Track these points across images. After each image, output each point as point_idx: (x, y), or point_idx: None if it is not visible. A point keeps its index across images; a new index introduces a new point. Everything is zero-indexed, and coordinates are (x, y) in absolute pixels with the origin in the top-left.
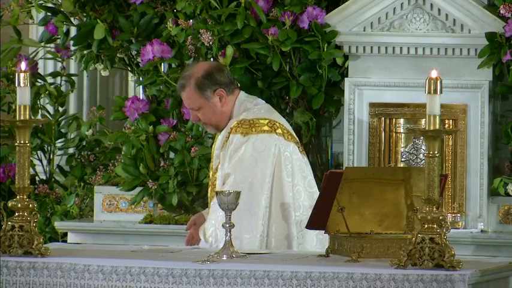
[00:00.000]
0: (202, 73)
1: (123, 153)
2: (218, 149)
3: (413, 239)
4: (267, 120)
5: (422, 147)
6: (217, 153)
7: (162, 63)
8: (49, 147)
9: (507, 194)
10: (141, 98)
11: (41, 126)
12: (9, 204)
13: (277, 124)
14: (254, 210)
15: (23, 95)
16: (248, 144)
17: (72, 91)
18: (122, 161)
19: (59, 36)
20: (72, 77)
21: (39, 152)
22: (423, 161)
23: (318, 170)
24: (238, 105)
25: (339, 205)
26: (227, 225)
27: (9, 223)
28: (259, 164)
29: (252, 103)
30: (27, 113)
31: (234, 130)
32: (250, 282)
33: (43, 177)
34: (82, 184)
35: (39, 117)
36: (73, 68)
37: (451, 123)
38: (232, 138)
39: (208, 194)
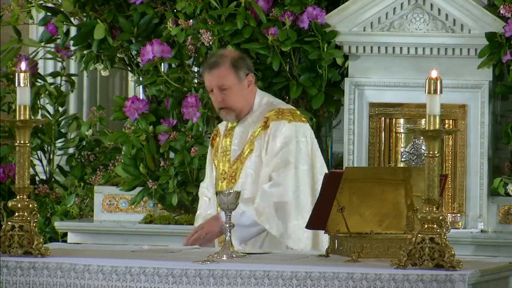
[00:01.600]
0: (238, 55)
1: (123, 153)
2: (241, 142)
3: (413, 239)
4: (298, 111)
5: (423, 147)
6: (238, 145)
7: (162, 63)
8: (49, 147)
9: (507, 194)
10: (141, 98)
11: (41, 126)
12: (9, 204)
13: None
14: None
15: (23, 95)
16: (299, 132)
17: (72, 91)
18: (122, 161)
19: (59, 36)
20: (72, 77)
21: (39, 152)
22: (423, 160)
23: None
24: (259, 98)
25: (339, 205)
26: (227, 225)
27: (9, 223)
28: (316, 152)
29: (273, 98)
30: (27, 113)
31: (275, 117)
32: (250, 282)
33: (43, 177)
34: (82, 184)
35: (39, 117)
36: (73, 68)
37: (451, 123)
38: (277, 125)
39: (218, 188)
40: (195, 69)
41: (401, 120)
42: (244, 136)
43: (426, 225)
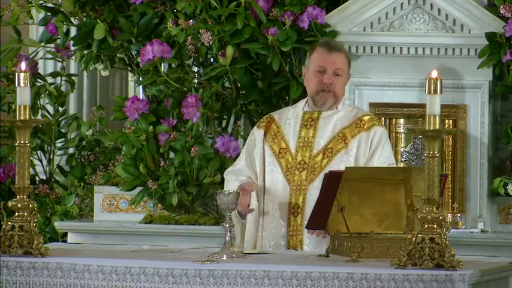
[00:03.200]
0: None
1: (123, 153)
2: (325, 136)
3: (413, 239)
4: None
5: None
6: (323, 138)
7: (162, 63)
8: (49, 147)
9: (507, 194)
10: (141, 98)
11: (41, 126)
12: (9, 204)
13: None
14: None
15: (23, 95)
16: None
17: (72, 91)
18: (122, 161)
19: (59, 36)
20: (72, 77)
21: (39, 152)
22: (423, 160)
23: None
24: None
25: (339, 205)
26: (227, 225)
27: (9, 223)
28: None
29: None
30: (27, 113)
31: (373, 123)
32: (250, 282)
33: (43, 177)
34: (82, 184)
35: (39, 117)
36: (73, 68)
37: (451, 123)
38: (376, 131)
39: (296, 177)
40: (195, 69)
41: (401, 120)
42: (329, 130)
43: (426, 225)
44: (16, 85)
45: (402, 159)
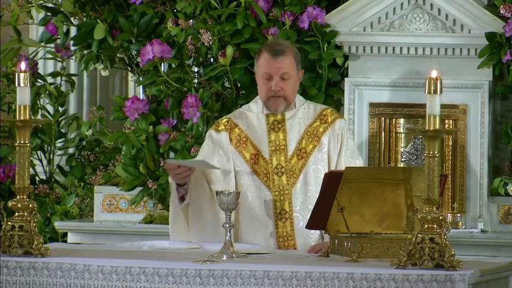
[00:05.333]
0: (296, 48)
1: (123, 153)
2: (295, 136)
3: (413, 239)
4: None
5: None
6: (297, 138)
7: (162, 63)
8: (49, 147)
9: (507, 194)
10: (141, 98)
11: (41, 126)
12: (9, 204)
13: None
14: None
15: (23, 95)
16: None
17: (72, 91)
18: (122, 161)
19: (59, 36)
20: (72, 77)
21: (39, 152)
22: (423, 160)
23: None
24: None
25: (339, 205)
26: (227, 225)
27: (9, 223)
28: None
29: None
30: (27, 113)
31: (335, 116)
32: (250, 282)
33: (43, 177)
34: (82, 184)
35: (39, 117)
36: (73, 68)
37: (451, 123)
38: (340, 124)
39: (276, 182)
40: (195, 69)
41: (401, 120)
42: (297, 130)
43: (426, 225)
44: (16, 85)
45: (402, 159)
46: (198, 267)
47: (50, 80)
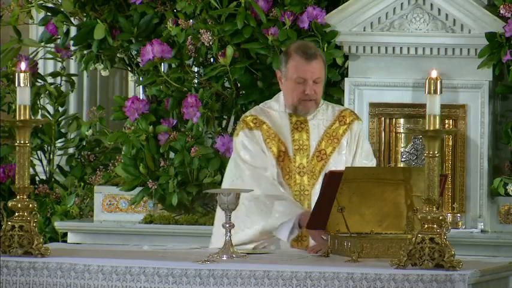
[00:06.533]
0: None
1: (123, 153)
2: (316, 137)
3: (413, 239)
4: None
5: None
6: (317, 139)
7: (162, 63)
8: (49, 147)
9: (507, 194)
10: (141, 98)
11: (41, 126)
12: (9, 204)
13: None
14: None
15: (23, 95)
16: None
17: (72, 91)
18: (122, 161)
19: (59, 36)
20: (72, 77)
21: (39, 152)
22: (423, 160)
23: None
24: None
25: (339, 205)
26: (227, 225)
27: (9, 223)
28: None
29: None
30: (27, 113)
31: (353, 117)
32: (250, 282)
33: (43, 177)
34: (82, 184)
35: (39, 117)
36: (73, 68)
37: (451, 123)
38: (358, 125)
39: (298, 181)
40: (195, 69)
41: (401, 120)
42: (318, 132)
43: (426, 225)
44: (16, 85)
45: (402, 159)
46: (198, 267)
47: (50, 80)
